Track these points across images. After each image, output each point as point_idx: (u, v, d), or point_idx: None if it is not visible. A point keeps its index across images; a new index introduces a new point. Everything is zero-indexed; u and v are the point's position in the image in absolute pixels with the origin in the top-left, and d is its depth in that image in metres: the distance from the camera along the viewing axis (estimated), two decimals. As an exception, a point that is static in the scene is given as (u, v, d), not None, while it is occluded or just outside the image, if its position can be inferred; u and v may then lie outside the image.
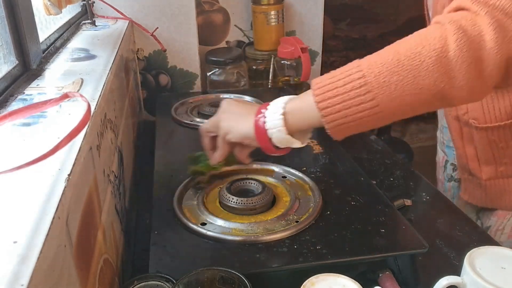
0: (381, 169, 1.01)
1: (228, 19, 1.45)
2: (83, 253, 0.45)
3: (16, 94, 0.60)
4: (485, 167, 0.90)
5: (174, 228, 0.63)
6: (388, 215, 0.66)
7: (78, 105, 0.56)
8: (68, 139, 0.46)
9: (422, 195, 0.90)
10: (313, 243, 0.60)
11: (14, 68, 0.65)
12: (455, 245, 0.74)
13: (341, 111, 0.56)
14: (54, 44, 0.86)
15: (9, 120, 0.51)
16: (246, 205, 0.66)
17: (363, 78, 0.55)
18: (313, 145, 0.89)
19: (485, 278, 0.50)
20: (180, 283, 0.49)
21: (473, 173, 0.93)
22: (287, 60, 1.33)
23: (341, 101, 0.56)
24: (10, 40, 0.65)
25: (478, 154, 0.90)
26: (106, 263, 0.56)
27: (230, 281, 0.50)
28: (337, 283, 0.49)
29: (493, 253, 0.54)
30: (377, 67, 0.55)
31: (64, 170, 0.42)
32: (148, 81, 1.33)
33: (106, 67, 0.75)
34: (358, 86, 0.55)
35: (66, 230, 0.40)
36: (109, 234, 0.61)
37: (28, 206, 0.37)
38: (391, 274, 0.60)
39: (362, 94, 0.55)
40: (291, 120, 0.62)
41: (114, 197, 0.69)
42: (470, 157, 0.92)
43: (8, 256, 0.31)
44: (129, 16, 1.23)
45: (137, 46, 1.28)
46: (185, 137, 0.97)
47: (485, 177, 0.91)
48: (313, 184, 0.73)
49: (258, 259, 0.57)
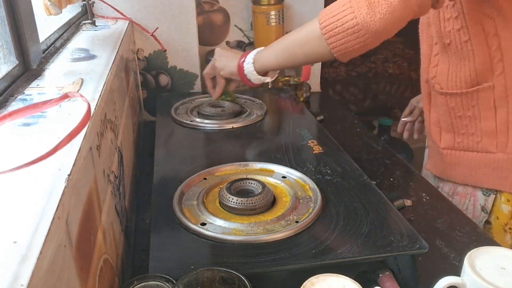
0: (381, 169, 1.01)
1: (228, 19, 1.45)
2: (83, 253, 0.45)
3: (16, 94, 0.60)
4: (444, 135, 0.96)
5: (174, 228, 0.63)
6: (388, 215, 0.66)
7: (78, 105, 0.56)
8: (68, 139, 0.46)
9: (422, 195, 0.90)
10: (313, 243, 0.60)
11: (14, 68, 0.65)
12: (455, 245, 0.74)
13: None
14: (54, 44, 0.86)
15: (9, 120, 0.51)
16: (246, 205, 0.66)
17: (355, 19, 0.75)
18: (313, 145, 0.89)
19: (485, 278, 0.50)
20: (180, 283, 0.49)
21: (434, 140, 0.99)
22: (287, 60, 1.33)
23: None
24: (10, 40, 0.65)
25: (440, 120, 0.96)
26: (106, 263, 0.56)
27: (230, 281, 0.50)
28: (337, 283, 0.49)
29: (493, 253, 0.54)
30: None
31: (64, 170, 0.42)
32: (148, 81, 1.33)
33: (106, 67, 0.75)
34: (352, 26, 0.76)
35: (66, 230, 0.40)
36: (109, 234, 0.61)
37: (28, 206, 0.37)
38: (391, 274, 0.60)
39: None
40: (258, 65, 0.95)
41: (114, 197, 0.69)
42: (433, 122, 0.98)
43: (8, 256, 0.31)
44: (129, 16, 1.23)
45: (137, 46, 1.28)
46: (185, 137, 0.97)
47: (443, 145, 0.96)
48: (313, 184, 0.73)
49: (258, 259, 0.57)
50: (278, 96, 1.23)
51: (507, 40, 0.78)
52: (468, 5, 0.79)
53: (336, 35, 0.77)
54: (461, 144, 0.92)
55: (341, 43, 0.78)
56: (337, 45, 0.78)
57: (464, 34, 0.81)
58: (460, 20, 0.81)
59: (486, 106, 0.85)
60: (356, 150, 1.08)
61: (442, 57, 0.89)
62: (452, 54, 0.86)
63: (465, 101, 0.87)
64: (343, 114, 1.36)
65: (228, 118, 1.04)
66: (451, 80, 0.88)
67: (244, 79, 0.99)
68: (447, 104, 0.91)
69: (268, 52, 0.95)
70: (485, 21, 0.79)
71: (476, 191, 0.91)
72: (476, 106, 0.86)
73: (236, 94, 1.15)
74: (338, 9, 0.77)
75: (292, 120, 1.05)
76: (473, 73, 0.83)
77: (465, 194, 0.94)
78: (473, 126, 0.88)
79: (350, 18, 0.75)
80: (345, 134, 1.20)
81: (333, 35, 0.78)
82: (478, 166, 0.90)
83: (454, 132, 0.93)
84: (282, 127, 1.01)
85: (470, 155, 0.91)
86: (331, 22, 0.78)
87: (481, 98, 0.85)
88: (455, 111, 0.90)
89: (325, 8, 0.80)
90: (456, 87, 0.87)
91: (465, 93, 0.86)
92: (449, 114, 0.92)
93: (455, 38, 0.83)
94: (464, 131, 0.91)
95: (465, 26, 0.81)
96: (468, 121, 0.89)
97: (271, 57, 0.94)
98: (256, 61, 0.96)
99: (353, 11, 0.74)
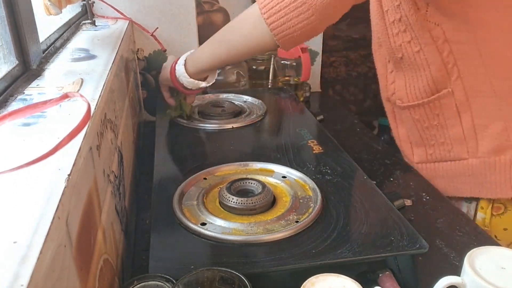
0: (381, 169, 1.01)
1: (228, 19, 1.45)
2: (83, 253, 0.45)
3: (16, 94, 0.60)
4: (416, 149, 0.96)
5: (174, 228, 0.63)
6: (388, 215, 0.66)
7: (78, 105, 0.56)
8: (68, 139, 0.46)
9: (422, 195, 0.90)
10: (313, 243, 0.60)
11: (14, 68, 0.65)
12: (455, 245, 0.74)
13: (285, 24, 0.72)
14: (54, 44, 0.86)
15: (9, 120, 0.51)
16: (246, 205, 0.66)
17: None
18: (313, 145, 0.89)
19: (485, 278, 0.50)
20: (180, 283, 0.49)
21: (407, 156, 0.99)
22: (287, 60, 1.33)
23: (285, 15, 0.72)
24: (10, 40, 0.65)
25: (409, 135, 0.96)
26: (106, 263, 0.56)
27: (230, 281, 0.50)
28: (337, 283, 0.49)
29: (493, 253, 0.54)
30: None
31: (64, 170, 0.42)
32: (148, 81, 1.33)
33: (106, 67, 0.75)
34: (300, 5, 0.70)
35: (66, 230, 0.40)
36: (109, 234, 0.61)
37: (28, 206, 0.37)
38: (391, 274, 0.60)
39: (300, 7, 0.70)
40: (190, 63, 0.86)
41: (114, 197, 0.69)
42: (403, 139, 0.98)
43: (8, 256, 0.31)
44: (129, 16, 1.23)
45: (137, 46, 1.28)
46: (185, 137, 0.97)
47: (416, 160, 0.96)
48: (313, 184, 0.73)
49: (258, 259, 0.57)
50: (278, 96, 1.23)
51: (458, 44, 0.78)
52: (413, 17, 0.78)
53: (277, 12, 0.71)
54: (433, 155, 0.92)
55: (282, 21, 0.72)
56: (278, 24, 0.72)
57: (415, 45, 0.82)
58: (408, 32, 0.81)
59: (450, 113, 0.85)
60: (356, 150, 1.08)
61: (398, 72, 0.89)
62: (407, 67, 0.86)
63: (428, 111, 0.87)
64: (343, 114, 1.36)
65: (228, 118, 1.04)
66: (410, 92, 0.88)
67: (176, 84, 0.89)
68: (412, 117, 0.91)
69: (201, 48, 0.86)
70: (432, 29, 0.78)
71: (460, 200, 0.91)
72: (441, 114, 0.86)
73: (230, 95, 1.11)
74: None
75: (292, 120, 1.05)
76: (430, 81, 0.83)
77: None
78: (442, 135, 0.88)
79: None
80: (345, 134, 1.20)
81: (273, 13, 0.72)
82: (454, 175, 0.90)
83: (425, 144, 0.92)
84: (282, 127, 1.01)
85: (445, 165, 0.91)
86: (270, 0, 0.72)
87: (443, 105, 0.85)
88: (421, 123, 0.90)
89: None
90: (417, 98, 0.87)
91: (427, 102, 0.86)
92: (415, 127, 0.92)
93: (407, 50, 0.83)
94: (434, 142, 0.90)
95: (414, 37, 0.81)
96: (436, 130, 0.89)
97: (204, 52, 0.85)
98: (189, 60, 0.87)
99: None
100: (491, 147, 0.84)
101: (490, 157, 0.85)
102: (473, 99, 0.82)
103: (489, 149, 0.84)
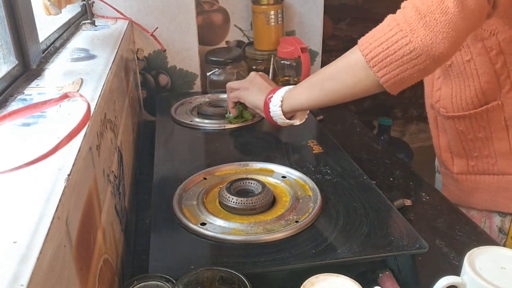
0: (381, 169, 1.01)
1: (228, 19, 1.45)
2: (83, 253, 0.45)
3: (15, 94, 0.60)
4: (457, 160, 0.91)
5: (174, 228, 0.63)
6: (388, 215, 0.66)
7: (78, 105, 0.56)
8: (68, 139, 0.46)
9: (422, 195, 0.90)
10: (313, 243, 0.60)
11: (13, 68, 0.65)
12: (455, 245, 0.74)
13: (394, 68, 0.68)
14: (54, 44, 0.86)
15: (9, 120, 0.51)
16: (246, 205, 0.66)
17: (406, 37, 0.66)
18: (313, 145, 0.89)
19: (485, 278, 0.50)
20: (180, 283, 0.49)
21: (446, 166, 0.95)
22: (287, 60, 1.33)
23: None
24: (10, 40, 0.65)
25: (450, 145, 0.91)
26: (106, 263, 0.56)
27: (230, 281, 0.50)
28: (337, 283, 0.49)
29: (493, 253, 0.54)
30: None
31: (64, 170, 0.42)
32: (148, 81, 1.33)
33: (106, 67, 0.75)
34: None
35: (66, 230, 0.40)
36: (109, 234, 0.61)
37: (28, 206, 0.37)
38: (391, 274, 0.60)
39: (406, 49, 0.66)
40: (287, 104, 0.84)
41: (114, 197, 0.69)
42: (443, 148, 0.94)
43: (8, 256, 0.31)
44: (129, 16, 1.23)
45: (137, 46, 1.28)
46: (185, 137, 0.97)
47: (457, 171, 0.92)
48: (313, 184, 0.73)
49: (258, 259, 0.57)
50: (278, 96, 1.23)
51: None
52: None
53: (388, 65, 0.67)
54: (475, 167, 0.88)
55: (395, 73, 0.67)
56: (391, 76, 0.68)
57: (466, 54, 0.78)
58: None
59: (497, 126, 0.81)
60: (356, 150, 1.08)
61: (445, 80, 0.85)
62: (455, 76, 0.82)
63: (474, 123, 0.83)
64: (343, 114, 1.36)
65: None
66: (456, 102, 0.84)
67: (270, 120, 0.88)
68: (456, 128, 0.86)
69: (299, 90, 0.83)
70: (487, 39, 0.75)
71: (492, 213, 0.88)
72: (487, 127, 0.82)
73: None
74: (385, 35, 0.67)
75: (292, 120, 1.05)
76: (479, 92, 0.80)
77: (480, 218, 0.91)
78: (486, 148, 0.84)
79: (403, 43, 0.65)
80: (345, 134, 1.20)
81: (384, 66, 0.67)
82: (497, 190, 0.86)
83: (467, 156, 0.88)
84: (282, 127, 1.01)
85: (487, 179, 0.87)
86: (379, 51, 0.67)
87: (491, 118, 0.81)
88: (465, 134, 0.86)
89: (364, 36, 0.71)
90: (463, 109, 0.83)
91: (473, 114, 0.82)
92: (459, 138, 0.87)
93: (457, 58, 0.80)
94: (477, 154, 0.86)
95: (466, 45, 0.77)
96: (481, 143, 0.84)
97: (303, 95, 0.82)
98: (286, 100, 0.83)
99: (405, 34, 0.65)
100: None
101: None
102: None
103: None
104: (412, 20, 0.65)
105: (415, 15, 0.65)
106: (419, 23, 0.64)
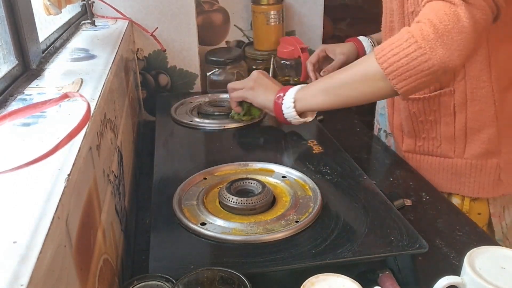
0: (381, 169, 1.01)
1: (228, 19, 1.45)
2: (83, 253, 0.45)
3: (15, 94, 0.60)
4: (406, 139, 0.98)
5: (174, 228, 0.63)
6: (388, 215, 0.66)
7: (78, 105, 0.56)
8: (68, 139, 0.46)
9: (422, 195, 0.90)
10: (313, 243, 0.60)
11: (13, 68, 0.65)
12: (455, 245, 0.74)
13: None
14: (54, 44, 0.86)
15: (9, 120, 0.51)
16: (246, 205, 0.66)
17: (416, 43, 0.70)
18: (313, 145, 0.89)
19: (485, 278, 0.50)
20: (180, 283, 0.49)
21: (397, 142, 1.01)
22: (286, 60, 1.33)
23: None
24: (10, 40, 0.65)
25: (402, 124, 0.97)
26: (106, 263, 0.56)
27: (230, 281, 0.50)
28: (337, 283, 0.49)
29: (493, 253, 0.54)
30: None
31: (64, 170, 0.42)
32: (148, 81, 1.33)
33: (106, 67, 0.75)
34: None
35: (66, 230, 0.40)
36: (109, 234, 0.61)
37: (28, 206, 0.37)
38: (391, 274, 0.60)
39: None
40: (300, 105, 0.86)
41: (114, 197, 0.69)
42: (396, 126, 1.00)
43: (8, 256, 0.31)
44: (129, 16, 1.23)
45: (137, 46, 1.28)
46: (185, 137, 0.97)
47: (405, 149, 0.98)
48: (313, 184, 0.73)
49: (258, 259, 0.57)
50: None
51: None
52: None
53: (407, 78, 0.72)
54: (421, 148, 0.94)
55: (413, 85, 0.73)
56: (409, 88, 0.73)
57: None
58: None
59: (446, 111, 0.86)
60: (356, 150, 1.08)
61: None
62: None
63: (426, 106, 0.89)
64: (343, 114, 1.36)
65: (228, 118, 1.04)
66: None
67: (282, 119, 0.90)
68: (409, 109, 0.92)
69: (313, 92, 0.86)
70: None
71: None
72: (437, 111, 0.87)
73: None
74: (403, 51, 0.71)
75: (292, 120, 1.05)
76: None
77: None
78: (434, 130, 0.90)
79: (423, 60, 0.69)
80: (345, 134, 1.19)
81: (403, 79, 0.72)
82: (438, 171, 0.92)
83: (416, 136, 0.94)
84: (282, 127, 1.01)
85: (430, 159, 0.93)
86: (399, 66, 0.72)
87: (442, 102, 0.86)
88: (416, 116, 0.91)
89: (381, 46, 0.75)
90: (419, 92, 0.87)
91: (427, 98, 0.87)
92: (411, 119, 0.93)
93: None
94: (425, 135, 0.92)
95: None
96: (430, 125, 0.90)
97: (317, 98, 0.85)
98: (298, 102, 0.86)
99: (424, 52, 0.69)
100: (479, 151, 0.86)
101: (476, 160, 0.87)
102: (471, 102, 0.83)
103: (477, 152, 0.86)
104: (430, 38, 0.69)
105: (433, 33, 0.68)
106: (437, 41, 0.68)
